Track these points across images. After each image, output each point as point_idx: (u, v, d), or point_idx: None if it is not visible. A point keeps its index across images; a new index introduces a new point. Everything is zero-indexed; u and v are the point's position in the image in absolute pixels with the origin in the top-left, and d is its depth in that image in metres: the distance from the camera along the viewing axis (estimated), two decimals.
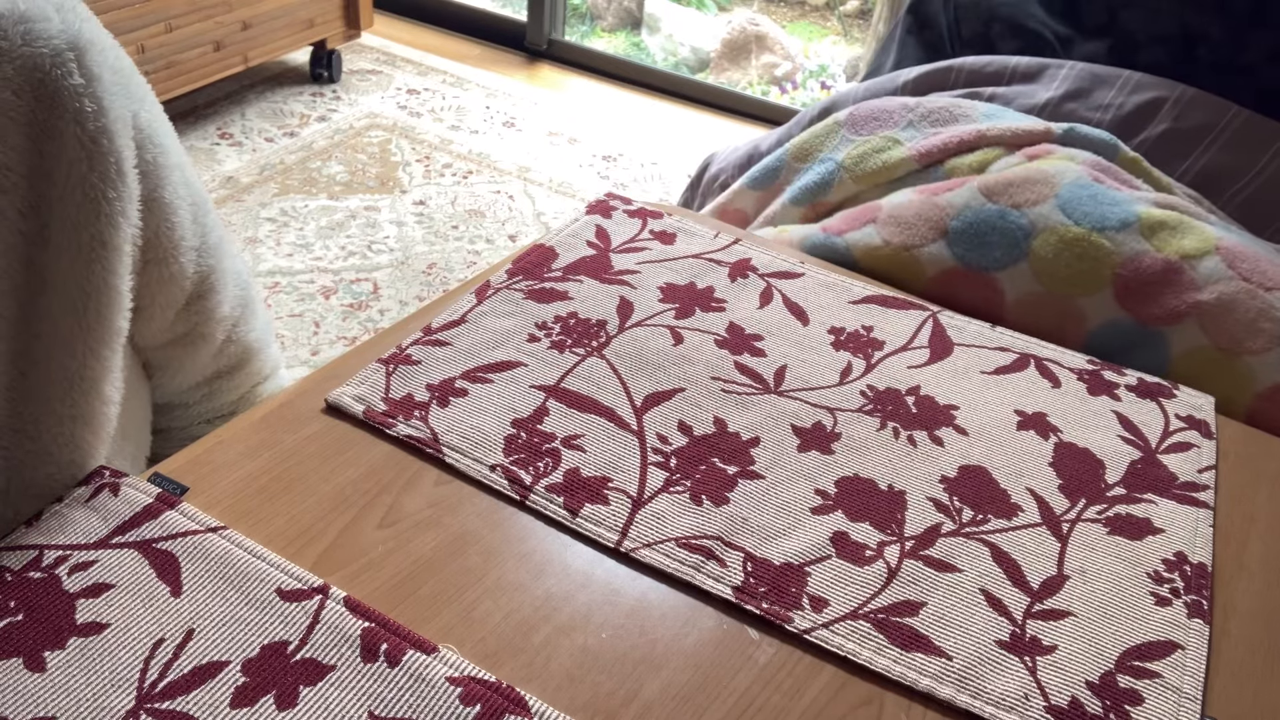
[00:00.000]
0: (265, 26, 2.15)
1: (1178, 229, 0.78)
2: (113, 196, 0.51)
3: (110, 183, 0.51)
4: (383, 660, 0.46)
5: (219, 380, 0.71)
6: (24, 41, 0.47)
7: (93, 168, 0.50)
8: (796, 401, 0.66)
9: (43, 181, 0.49)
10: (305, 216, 1.97)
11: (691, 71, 2.94)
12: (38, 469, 0.53)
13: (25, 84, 0.47)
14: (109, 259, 0.52)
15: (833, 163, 0.94)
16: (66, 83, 0.48)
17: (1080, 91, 0.96)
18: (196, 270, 0.63)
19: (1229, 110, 0.92)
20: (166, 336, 0.65)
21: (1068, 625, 0.53)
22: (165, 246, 0.59)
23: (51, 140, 0.49)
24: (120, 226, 0.52)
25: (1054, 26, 1.05)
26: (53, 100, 0.48)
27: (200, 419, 0.73)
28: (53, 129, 0.49)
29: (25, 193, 0.49)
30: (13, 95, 0.47)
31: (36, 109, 0.48)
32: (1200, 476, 0.64)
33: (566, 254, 0.78)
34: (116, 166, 0.51)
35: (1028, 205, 0.80)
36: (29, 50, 0.47)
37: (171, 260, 0.59)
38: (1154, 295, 0.76)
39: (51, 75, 0.48)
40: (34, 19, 0.48)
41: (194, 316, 0.65)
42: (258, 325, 0.72)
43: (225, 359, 0.70)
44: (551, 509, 0.56)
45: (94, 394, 0.53)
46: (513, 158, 2.26)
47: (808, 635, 0.51)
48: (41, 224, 0.50)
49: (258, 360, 0.73)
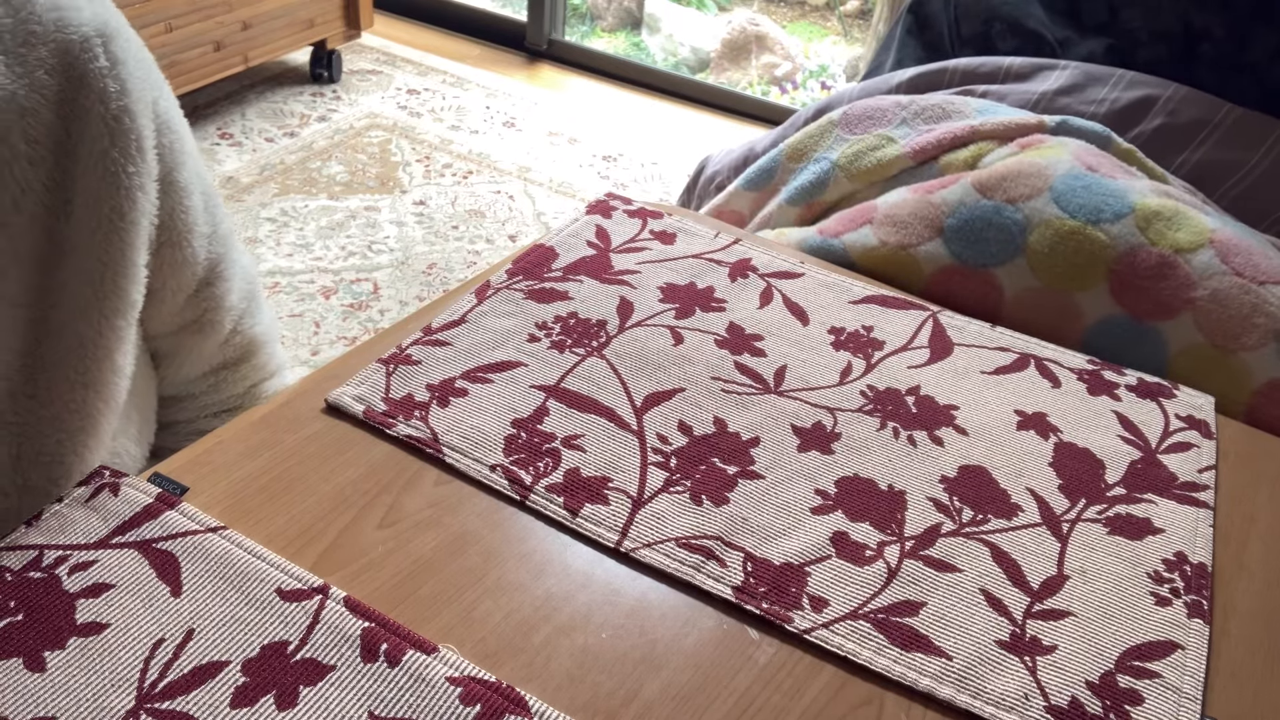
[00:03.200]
0: (265, 26, 2.15)
1: (1173, 219, 0.78)
2: (132, 171, 0.54)
3: (130, 158, 0.54)
4: (383, 660, 0.46)
5: (225, 371, 0.72)
6: (56, 28, 0.51)
7: (114, 143, 0.53)
8: (796, 401, 0.66)
9: (67, 158, 0.52)
10: (305, 216, 1.97)
11: (691, 71, 2.94)
12: (48, 436, 0.55)
13: (57, 65, 0.51)
14: (126, 231, 0.55)
15: (827, 162, 0.94)
16: (93, 65, 0.52)
17: (1074, 87, 0.96)
18: (208, 256, 0.65)
19: (1223, 107, 0.92)
20: (176, 323, 0.66)
21: (1068, 625, 0.53)
22: (179, 229, 0.61)
23: (78, 118, 0.52)
24: (138, 201, 0.55)
25: (1054, 25, 1.05)
26: (80, 80, 0.52)
27: (207, 411, 0.73)
28: (79, 107, 0.52)
29: (51, 167, 0.52)
30: (46, 75, 0.51)
31: (66, 88, 0.51)
32: (1200, 476, 0.64)
33: (566, 254, 0.78)
34: (137, 144, 0.54)
35: (1022, 200, 0.80)
36: (61, 35, 0.51)
37: (184, 243, 0.62)
38: (1149, 290, 0.76)
39: (80, 58, 0.51)
40: (65, 7, 0.51)
41: (203, 303, 0.67)
42: (263, 320, 0.74)
43: (232, 349, 0.72)
44: (551, 509, 0.56)
45: (106, 362, 0.55)
46: (513, 158, 2.26)
47: (808, 635, 0.51)
48: (65, 198, 0.52)
49: (263, 354, 0.75)
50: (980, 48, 1.09)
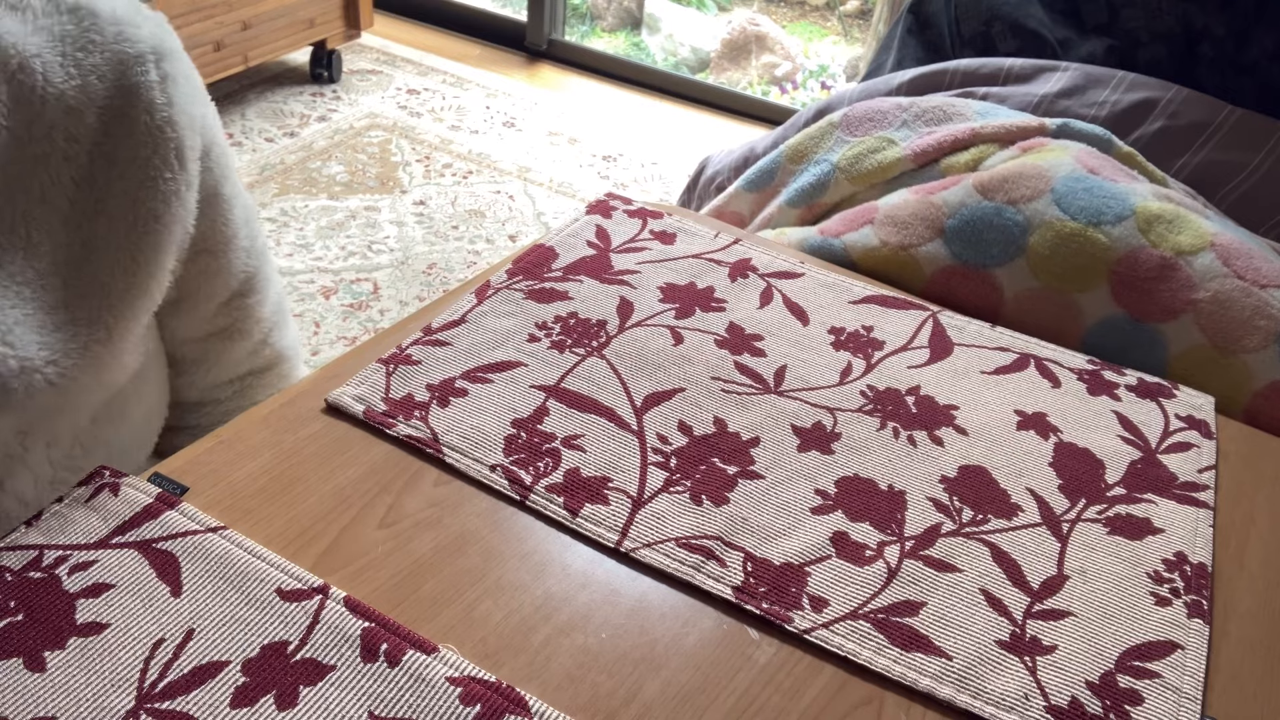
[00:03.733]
0: (265, 26, 2.15)
1: (1174, 223, 0.78)
2: (169, 178, 0.57)
3: (169, 165, 0.57)
4: (383, 660, 0.46)
5: (251, 378, 0.74)
6: (115, 40, 0.54)
7: (155, 151, 0.56)
8: (796, 401, 0.66)
9: (103, 159, 0.55)
10: (305, 216, 1.97)
11: (691, 71, 2.94)
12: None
13: (109, 73, 0.54)
14: (160, 234, 0.58)
15: (828, 164, 0.94)
16: (144, 79, 0.55)
17: (1075, 89, 0.96)
18: (244, 269, 0.68)
19: (1224, 109, 0.92)
20: (206, 329, 0.69)
21: (1068, 625, 0.53)
22: (220, 239, 0.64)
23: (121, 125, 0.55)
24: (173, 206, 0.58)
25: (1055, 25, 1.05)
26: (130, 91, 0.55)
27: (230, 417, 0.74)
28: (124, 115, 0.55)
29: (84, 165, 0.55)
30: (96, 80, 0.54)
31: (114, 96, 0.55)
32: (1200, 476, 0.64)
33: (566, 254, 0.78)
34: (178, 153, 0.57)
35: (1023, 201, 0.80)
36: (118, 48, 0.54)
37: (222, 253, 0.65)
38: (1150, 291, 0.76)
39: (133, 70, 0.55)
40: (126, 23, 0.55)
41: (235, 312, 0.69)
42: (290, 335, 0.77)
43: (259, 359, 0.74)
44: (551, 509, 0.56)
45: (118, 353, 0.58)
46: (513, 158, 2.26)
47: (808, 635, 0.51)
48: (96, 196, 0.55)
49: (288, 365, 0.78)
50: (981, 48, 1.09)
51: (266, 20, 2.15)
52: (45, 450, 0.58)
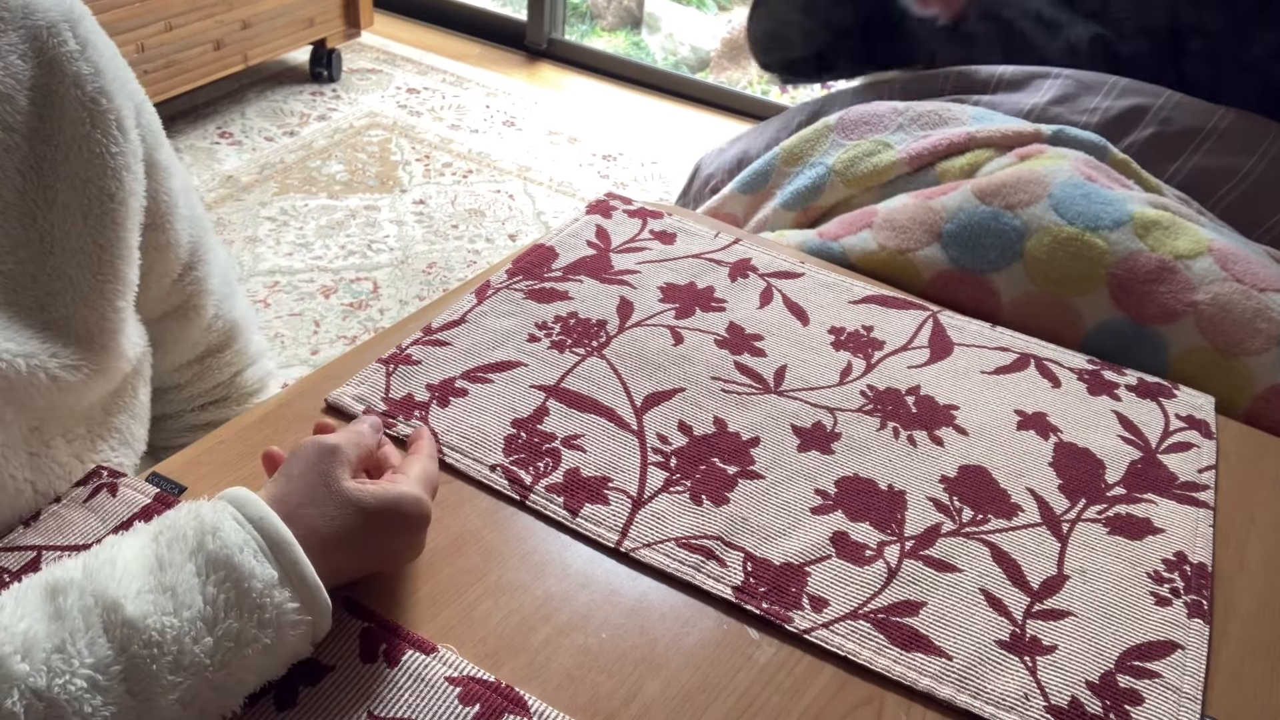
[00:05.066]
0: (265, 25, 2.15)
1: (1171, 229, 0.78)
2: (115, 151, 0.54)
3: (112, 138, 0.54)
4: (382, 660, 0.46)
5: (209, 358, 0.73)
6: (24, 15, 0.52)
7: (95, 125, 0.53)
8: (796, 401, 0.66)
9: (43, 144, 0.52)
10: (305, 216, 1.97)
11: (691, 71, 2.94)
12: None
13: (29, 50, 0.52)
14: (116, 212, 0.55)
15: (823, 167, 0.94)
16: (63, 49, 0.52)
17: (1067, 97, 0.96)
18: (189, 239, 0.65)
19: (1215, 113, 0.92)
20: (162, 308, 0.67)
21: (1068, 625, 0.53)
22: (163, 211, 0.61)
23: (52, 104, 0.52)
24: (124, 180, 0.55)
25: (1050, 6, 1.04)
26: (52, 65, 0.52)
27: (194, 404, 0.73)
28: (52, 93, 0.52)
29: (26, 153, 0.52)
30: (18, 59, 0.51)
31: (38, 74, 0.52)
32: (1200, 476, 0.64)
33: (566, 254, 0.78)
34: (118, 123, 0.54)
35: (1020, 206, 0.80)
36: (28, 21, 0.52)
37: (168, 225, 0.62)
38: (1149, 294, 0.76)
39: (50, 43, 0.52)
40: None
41: (188, 287, 0.67)
42: (240, 304, 0.75)
43: (214, 334, 0.73)
44: (551, 509, 0.56)
45: (113, 346, 0.56)
46: (513, 157, 2.26)
47: (808, 635, 0.51)
48: (44, 184, 0.53)
49: (243, 338, 0.75)
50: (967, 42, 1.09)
51: (266, 19, 2.15)
52: (66, 445, 0.57)
